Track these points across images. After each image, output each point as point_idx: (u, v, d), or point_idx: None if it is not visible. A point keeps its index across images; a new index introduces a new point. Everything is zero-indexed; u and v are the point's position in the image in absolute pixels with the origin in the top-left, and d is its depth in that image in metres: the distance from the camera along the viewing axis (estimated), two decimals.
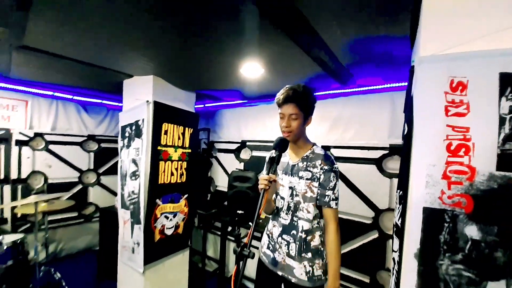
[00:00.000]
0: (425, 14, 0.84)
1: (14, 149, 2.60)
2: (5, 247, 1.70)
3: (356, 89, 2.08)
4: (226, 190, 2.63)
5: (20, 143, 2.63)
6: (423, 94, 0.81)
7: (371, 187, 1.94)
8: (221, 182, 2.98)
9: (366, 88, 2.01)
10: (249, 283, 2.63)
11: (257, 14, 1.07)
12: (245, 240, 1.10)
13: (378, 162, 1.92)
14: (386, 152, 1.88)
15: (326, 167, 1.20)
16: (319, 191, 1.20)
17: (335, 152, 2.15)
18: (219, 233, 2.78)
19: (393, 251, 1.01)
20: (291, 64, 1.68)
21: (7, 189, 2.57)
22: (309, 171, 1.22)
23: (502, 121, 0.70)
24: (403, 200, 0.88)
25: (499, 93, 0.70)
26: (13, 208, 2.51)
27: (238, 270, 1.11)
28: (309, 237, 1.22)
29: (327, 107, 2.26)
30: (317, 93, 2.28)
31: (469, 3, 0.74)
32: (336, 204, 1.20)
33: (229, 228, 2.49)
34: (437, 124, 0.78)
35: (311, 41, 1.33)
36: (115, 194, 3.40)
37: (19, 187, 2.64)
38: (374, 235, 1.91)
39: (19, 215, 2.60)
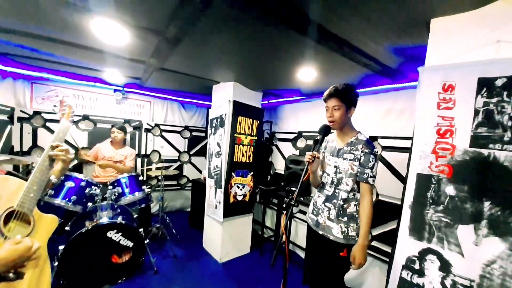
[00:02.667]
0: (430, 35, 1.14)
1: (143, 135, 3.89)
2: (145, 194, 2.80)
3: (406, 84, 2.23)
4: (283, 172, 3.19)
5: (146, 130, 3.91)
6: (423, 94, 1.14)
7: None
8: (279, 166, 3.56)
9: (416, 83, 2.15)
10: (299, 251, 3.13)
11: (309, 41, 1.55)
12: (294, 196, 1.63)
13: None
14: None
15: (366, 150, 1.43)
16: (359, 169, 1.44)
17: (383, 142, 2.37)
18: (276, 208, 3.38)
19: None
20: (340, 68, 2.05)
21: (139, 160, 3.89)
22: (352, 153, 1.47)
23: (477, 112, 0.98)
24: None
25: (476, 92, 0.99)
26: (142, 172, 3.81)
27: (287, 214, 1.64)
28: (346, 205, 1.50)
29: (379, 100, 2.48)
30: (368, 88, 2.53)
31: (458, 29, 1.03)
32: (373, 180, 1.43)
33: (285, 200, 3.04)
34: (431, 115, 1.10)
35: (352, 51, 1.69)
36: (200, 171, 4.48)
37: (145, 159, 3.94)
38: None
39: (144, 178, 3.89)
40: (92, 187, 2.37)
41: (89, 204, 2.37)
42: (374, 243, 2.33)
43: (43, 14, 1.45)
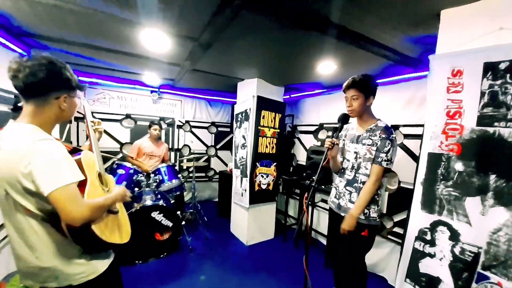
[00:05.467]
0: (441, 25, 1.23)
1: (176, 131, 4.29)
2: (180, 181, 3.16)
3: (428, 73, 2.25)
4: (304, 163, 3.34)
5: (178, 127, 4.30)
6: (434, 80, 1.24)
7: None
8: (301, 157, 3.70)
9: None
10: (322, 238, 3.26)
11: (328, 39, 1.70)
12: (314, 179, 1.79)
13: None
14: None
15: (383, 136, 1.49)
16: (375, 153, 1.51)
17: (405, 130, 2.41)
18: (298, 197, 3.55)
19: None
20: (359, 60, 2.14)
21: (172, 154, 4.31)
22: (371, 139, 1.54)
23: (482, 94, 1.08)
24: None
25: (482, 75, 1.08)
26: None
27: (308, 194, 1.81)
28: None
29: (400, 90, 2.51)
30: (389, 78, 2.57)
31: (466, 18, 1.12)
32: (387, 164, 1.48)
33: (307, 182, 3.19)
34: (441, 99, 1.21)
35: (369, 44, 1.79)
36: (225, 163, 4.80)
37: (178, 153, 4.35)
38: None
39: (178, 169, 4.29)
40: (139, 174, 2.76)
41: (136, 189, 2.76)
42: (396, 229, 2.40)
43: (102, 29, 1.78)
